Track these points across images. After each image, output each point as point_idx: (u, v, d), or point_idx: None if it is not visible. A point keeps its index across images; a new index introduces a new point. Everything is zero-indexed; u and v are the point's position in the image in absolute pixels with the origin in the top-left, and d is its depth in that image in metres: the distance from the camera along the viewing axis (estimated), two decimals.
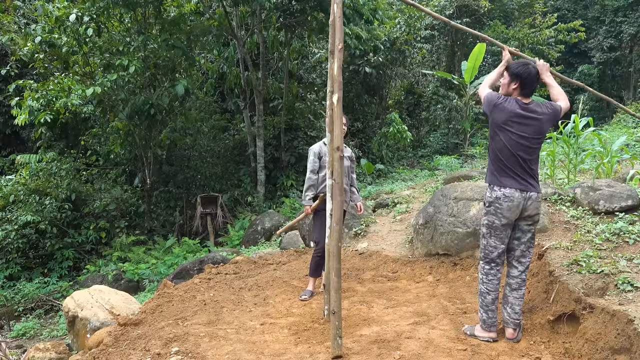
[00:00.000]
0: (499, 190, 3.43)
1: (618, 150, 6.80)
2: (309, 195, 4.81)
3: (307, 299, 4.77)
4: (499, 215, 3.43)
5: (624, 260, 3.79)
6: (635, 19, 21.69)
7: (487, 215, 3.50)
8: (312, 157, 4.85)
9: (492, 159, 3.51)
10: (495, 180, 3.47)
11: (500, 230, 3.46)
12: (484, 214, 3.54)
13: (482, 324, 3.61)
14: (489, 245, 3.51)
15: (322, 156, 4.85)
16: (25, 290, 9.77)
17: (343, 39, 3.83)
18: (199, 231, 12.41)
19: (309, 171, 4.84)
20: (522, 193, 3.40)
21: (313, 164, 4.83)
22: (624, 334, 3.03)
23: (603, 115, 21.80)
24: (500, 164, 3.45)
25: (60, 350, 4.84)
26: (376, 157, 15.57)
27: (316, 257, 4.80)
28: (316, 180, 4.82)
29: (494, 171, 3.49)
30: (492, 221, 3.47)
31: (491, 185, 3.49)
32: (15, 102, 11.37)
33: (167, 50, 11.13)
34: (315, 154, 4.85)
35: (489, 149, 3.59)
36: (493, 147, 3.50)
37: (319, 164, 4.83)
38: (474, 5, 17.50)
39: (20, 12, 14.74)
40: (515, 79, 3.46)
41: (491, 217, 3.47)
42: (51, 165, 12.04)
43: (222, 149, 14.56)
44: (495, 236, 3.48)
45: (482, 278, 3.58)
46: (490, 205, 3.48)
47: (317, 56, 15.86)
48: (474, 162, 13.04)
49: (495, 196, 3.44)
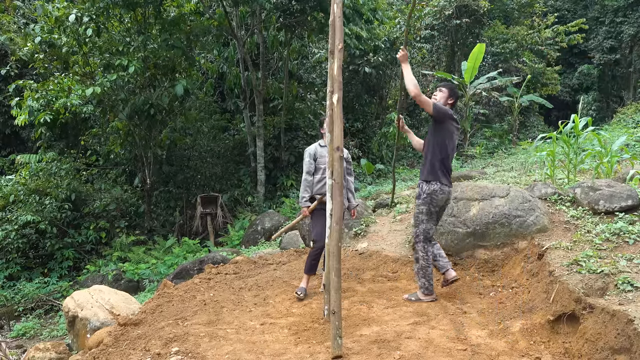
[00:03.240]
0: (435, 185, 4.31)
1: (618, 150, 6.80)
2: (305, 196, 4.82)
3: (301, 295, 4.78)
4: (435, 204, 4.35)
5: (624, 260, 3.79)
6: (635, 19, 21.67)
7: (425, 205, 4.34)
8: (308, 158, 4.85)
9: (430, 158, 4.34)
10: (434, 177, 4.31)
11: (435, 215, 4.41)
12: (422, 203, 4.35)
13: (425, 291, 4.43)
14: (428, 228, 4.38)
15: (317, 157, 4.85)
16: (25, 290, 9.77)
17: (343, 39, 3.83)
18: (199, 231, 12.41)
19: (305, 172, 4.86)
20: (449, 188, 4.42)
21: (309, 165, 4.84)
22: (624, 334, 3.03)
23: (603, 115, 21.80)
24: (440, 163, 4.32)
25: (60, 350, 4.85)
26: (376, 157, 15.56)
27: (314, 254, 4.81)
28: (312, 182, 4.83)
29: (433, 169, 4.31)
30: (429, 209, 4.35)
31: (429, 181, 4.32)
32: (15, 102, 11.37)
33: (167, 50, 11.12)
34: (310, 155, 4.86)
35: (427, 149, 4.41)
36: (434, 149, 4.34)
37: (315, 166, 4.84)
38: (473, 5, 17.46)
39: (20, 12, 14.74)
40: (453, 96, 4.46)
41: (429, 206, 4.34)
42: (51, 165, 12.03)
43: (222, 149, 14.56)
44: (432, 220, 4.39)
45: (424, 255, 4.38)
46: (428, 196, 4.32)
47: (317, 56, 15.86)
48: (473, 162, 13.04)
49: (433, 189, 4.31)
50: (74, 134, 13.69)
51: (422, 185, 4.37)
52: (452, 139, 4.39)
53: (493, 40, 18.76)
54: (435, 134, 4.37)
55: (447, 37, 18.86)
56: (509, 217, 5.08)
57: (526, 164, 9.39)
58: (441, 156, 4.32)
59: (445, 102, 4.42)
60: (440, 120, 4.33)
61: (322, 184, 4.79)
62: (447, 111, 4.34)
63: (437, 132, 4.36)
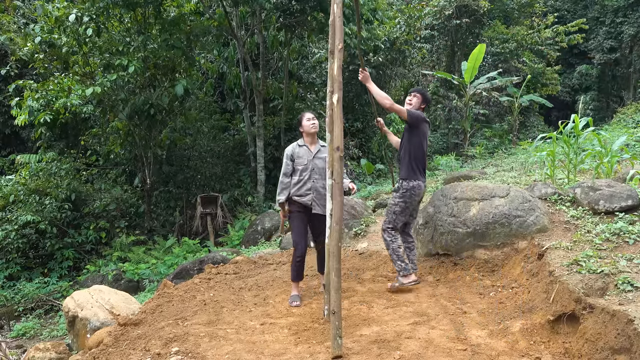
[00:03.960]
0: (414, 181, 4.68)
1: (618, 150, 6.79)
2: (281, 199, 4.67)
3: (298, 304, 4.63)
4: (411, 200, 4.73)
5: (624, 260, 3.79)
6: (635, 19, 21.66)
7: (402, 199, 4.69)
8: (285, 159, 4.72)
9: (408, 159, 4.71)
10: (411, 175, 4.68)
11: (409, 210, 4.77)
12: (399, 197, 4.70)
13: (403, 272, 4.67)
14: (399, 220, 4.75)
15: (295, 158, 4.70)
16: (25, 290, 9.78)
17: (343, 39, 3.83)
18: (199, 231, 12.41)
19: (282, 174, 4.72)
20: (425, 183, 4.81)
21: (286, 166, 4.70)
22: (624, 334, 3.03)
23: (603, 115, 21.79)
24: (416, 162, 4.70)
25: (60, 350, 4.84)
26: (376, 157, 15.57)
27: (296, 261, 4.67)
28: (289, 184, 4.68)
29: (410, 168, 4.69)
30: (405, 203, 4.71)
31: (407, 179, 4.68)
32: (15, 102, 11.37)
33: (167, 50, 11.13)
34: (287, 156, 4.72)
35: (405, 151, 4.75)
36: (412, 150, 4.70)
37: (292, 167, 4.69)
38: (473, 5, 17.47)
39: (20, 12, 14.73)
40: (426, 101, 4.83)
41: (406, 201, 4.70)
42: (51, 165, 12.04)
43: (222, 149, 14.56)
44: (404, 214, 4.75)
45: (391, 239, 4.70)
46: (407, 191, 4.69)
47: (317, 56, 15.85)
48: (473, 162, 13.05)
49: (411, 186, 4.68)
50: (74, 134, 13.69)
51: (402, 182, 4.73)
52: (426, 138, 4.84)
53: (493, 40, 18.76)
54: (412, 137, 4.74)
55: (447, 37, 18.87)
56: (509, 217, 5.08)
57: (526, 164, 9.39)
58: (418, 156, 4.73)
59: (419, 107, 4.78)
60: (415, 125, 4.71)
61: (299, 185, 4.65)
62: (420, 115, 4.71)
63: (413, 135, 4.74)
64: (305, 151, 4.74)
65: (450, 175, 8.54)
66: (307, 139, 4.81)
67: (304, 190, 4.65)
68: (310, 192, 4.65)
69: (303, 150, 4.73)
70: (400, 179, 4.75)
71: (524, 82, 15.21)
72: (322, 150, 4.75)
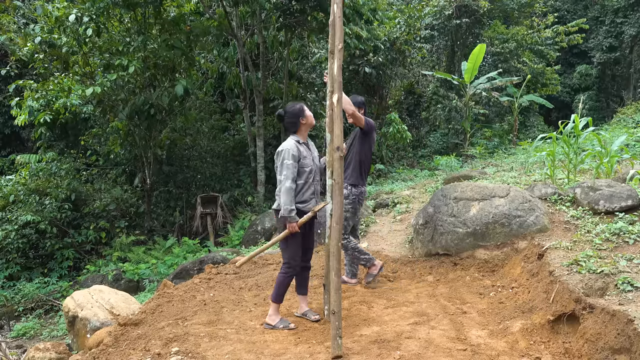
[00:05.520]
0: (362, 187, 4.98)
1: (618, 150, 6.80)
2: (293, 207, 3.88)
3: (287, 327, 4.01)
4: (359, 205, 5.01)
5: (624, 260, 3.79)
6: (635, 19, 21.66)
7: (352, 204, 4.91)
8: (291, 160, 3.91)
9: (359, 165, 4.92)
10: (359, 181, 4.93)
11: (357, 214, 5.05)
12: (348, 203, 4.85)
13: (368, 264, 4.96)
14: (348, 224, 4.94)
15: (300, 159, 3.98)
16: (25, 290, 9.77)
17: (343, 39, 3.83)
18: (199, 231, 12.40)
19: (288, 179, 3.88)
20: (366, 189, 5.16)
21: (293, 169, 3.91)
22: (624, 334, 3.03)
23: (603, 115, 21.79)
24: (364, 169, 4.96)
25: (60, 350, 4.84)
26: (376, 157, 15.56)
27: (286, 277, 4.04)
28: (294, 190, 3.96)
29: (359, 174, 4.93)
30: (355, 207, 4.96)
31: (356, 185, 4.91)
32: (15, 102, 11.36)
33: (167, 50, 11.12)
34: (294, 157, 3.93)
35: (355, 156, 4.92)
36: (361, 157, 4.92)
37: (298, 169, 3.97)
38: (473, 5, 17.48)
39: (20, 12, 14.73)
40: (363, 105, 4.97)
41: (355, 205, 4.95)
42: (51, 165, 12.03)
43: (222, 149, 14.55)
44: (353, 219, 5.00)
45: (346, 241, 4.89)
46: (356, 197, 4.93)
47: (317, 56, 15.85)
48: (473, 162, 13.04)
49: (360, 192, 4.95)
50: (74, 134, 13.68)
51: (352, 188, 4.90)
52: (373, 144, 5.18)
53: (493, 40, 18.75)
54: (363, 144, 4.95)
55: (447, 37, 18.88)
56: (509, 217, 5.08)
57: (526, 164, 9.39)
58: (366, 163, 4.99)
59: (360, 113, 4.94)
60: (369, 133, 4.95)
61: (303, 190, 4.01)
62: (373, 124, 5.02)
63: (364, 142, 4.95)
64: (307, 150, 4.12)
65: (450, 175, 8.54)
66: (304, 135, 4.17)
67: (308, 195, 4.04)
68: (314, 197, 4.11)
69: (304, 148, 4.08)
70: (349, 185, 4.89)
71: (524, 82, 15.21)
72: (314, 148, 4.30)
